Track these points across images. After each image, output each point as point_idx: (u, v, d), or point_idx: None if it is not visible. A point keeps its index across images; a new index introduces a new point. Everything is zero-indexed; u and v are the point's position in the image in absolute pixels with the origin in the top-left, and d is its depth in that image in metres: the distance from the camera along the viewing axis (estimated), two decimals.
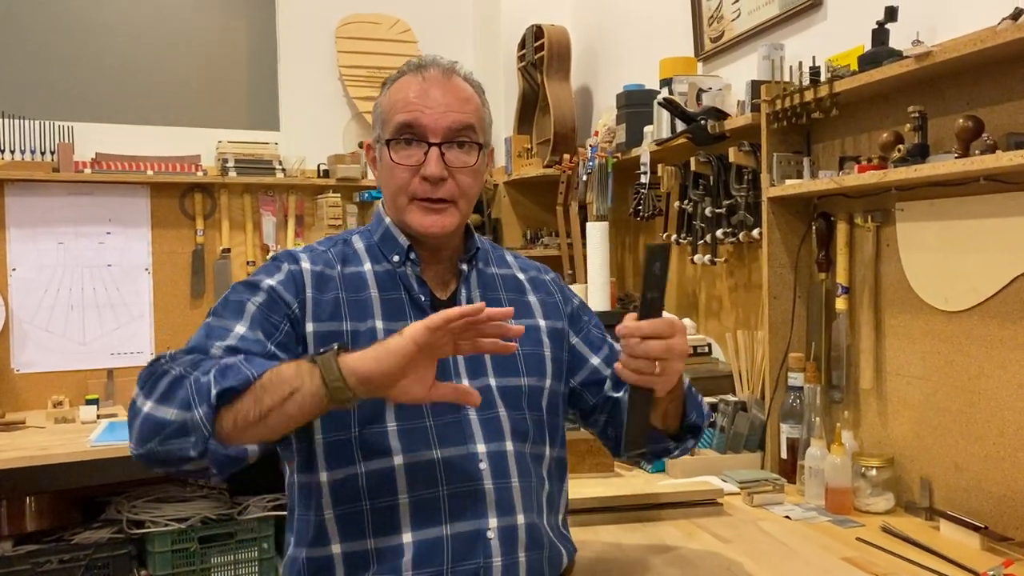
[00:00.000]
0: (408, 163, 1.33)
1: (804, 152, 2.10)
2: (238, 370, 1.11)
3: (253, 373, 1.10)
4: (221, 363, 1.13)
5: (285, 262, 1.35)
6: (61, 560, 2.86)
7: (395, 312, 1.34)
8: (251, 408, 1.10)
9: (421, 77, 1.36)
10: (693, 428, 1.43)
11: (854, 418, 2.01)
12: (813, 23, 2.19)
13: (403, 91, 1.35)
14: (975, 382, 1.70)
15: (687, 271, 2.78)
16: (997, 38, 1.48)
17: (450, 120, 1.33)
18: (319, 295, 1.32)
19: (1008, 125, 1.60)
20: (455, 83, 1.37)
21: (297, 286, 1.32)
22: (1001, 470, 1.65)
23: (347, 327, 1.31)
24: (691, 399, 1.43)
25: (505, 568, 1.28)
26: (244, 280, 1.34)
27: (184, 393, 1.10)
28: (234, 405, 1.10)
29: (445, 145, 1.33)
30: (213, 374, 1.10)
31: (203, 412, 1.08)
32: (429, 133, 1.32)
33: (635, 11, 3.22)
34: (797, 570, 1.51)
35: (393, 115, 1.34)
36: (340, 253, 1.40)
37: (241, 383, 1.09)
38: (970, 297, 1.70)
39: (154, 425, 1.11)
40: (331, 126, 3.83)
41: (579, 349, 1.50)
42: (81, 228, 3.40)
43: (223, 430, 1.10)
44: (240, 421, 1.10)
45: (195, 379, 1.11)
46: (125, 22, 3.57)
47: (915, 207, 1.83)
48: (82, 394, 3.32)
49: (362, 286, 1.36)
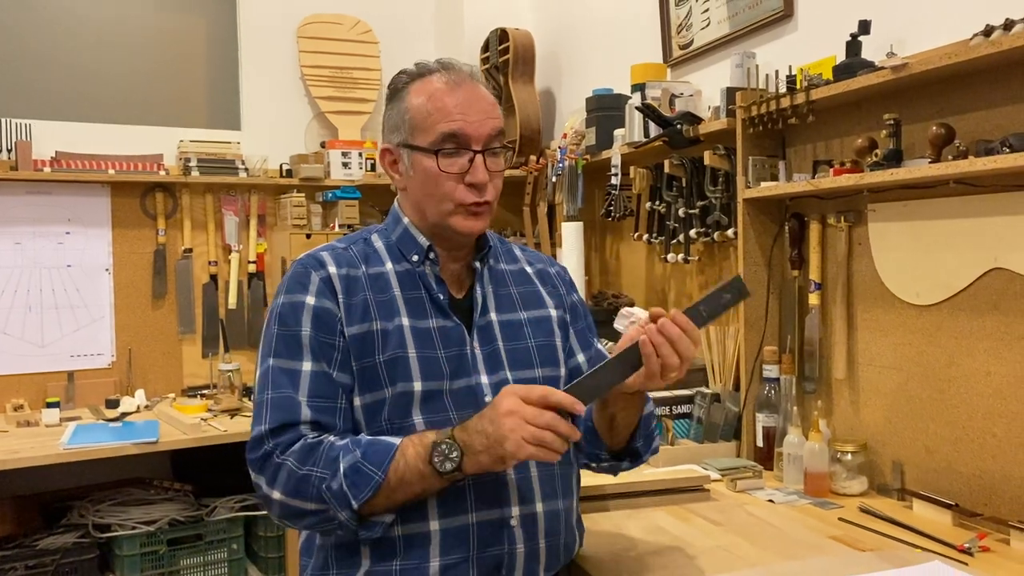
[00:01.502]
0: (454, 171, 1.37)
1: (779, 156, 2.21)
2: (368, 478, 1.24)
3: (380, 478, 1.24)
4: (343, 467, 1.24)
5: (312, 270, 1.39)
6: (27, 566, 2.80)
7: (418, 311, 1.39)
8: (385, 503, 1.27)
9: (451, 83, 1.38)
10: (633, 452, 1.49)
11: (827, 407, 2.13)
12: (784, 33, 2.31)
13: (440, 99, 1.37)
14: (945, 371, 1.83)
15: (657, 269, 2.89)
16: (970, 52, 1.60)
17: (489, 128, 1.38)
18: (349, 299, 1.37)
19: (976, 132, 1.73)
20: (481, 89, 1.41)
21: (331, 291, 1.37)
22: (970, 452, 1.78)
23: (377, 327, 1.36)
24: (645, 426, 1.49)
25: (527, 554, 1.35)
26: (284, 302, 1.37)
27: (315, 492, 1.25)
28: (373, 499, 1.25)
29: (487, 152, 1.38)
30: (344, 483, 1.24)
31: (346, 516, 1.25)
32: (473, 141, 1.37)
33: (599, 17, 3.31)
34: (792, 549, 1.60)
35: (434, 124, 1.37)
36: (362, 252, 1.44)
37: (373, 491, 1.24)
38: (940, 292, 1.84)
39: (295, 512, 1.28)
40: (293, 126, 3.83)
41: (572, 344, 1.56)
42: (40, 228, 3.33)
43: (364, 514, 1.27)
44: (375, 510, 1.27)
45: (320, 480, 1.25)
46: (85, 19, 3.50)
47: (887, 208, 1.96)
48: (41, 397, 3.26)
49: (386, 286, 1.40)
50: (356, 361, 1.35)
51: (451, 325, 1.40)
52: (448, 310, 1.41)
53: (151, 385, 3.48)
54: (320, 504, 1.25)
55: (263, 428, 1.29)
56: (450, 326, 1.39)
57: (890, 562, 1.47)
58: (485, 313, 1.44)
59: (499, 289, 1.49)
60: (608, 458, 1.50)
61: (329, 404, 1.33)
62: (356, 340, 1.35)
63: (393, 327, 1.36)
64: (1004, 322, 1.71)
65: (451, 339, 1.39)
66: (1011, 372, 1.70)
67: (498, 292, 1.48)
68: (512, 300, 1.49)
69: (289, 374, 1.33)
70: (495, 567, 1.33)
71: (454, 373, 1.37)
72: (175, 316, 3.57)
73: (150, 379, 3.51)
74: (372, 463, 1.24)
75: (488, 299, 1.46)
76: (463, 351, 1.39)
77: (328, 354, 1.34)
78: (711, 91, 2.53)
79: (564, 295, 1.57)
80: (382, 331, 1.35)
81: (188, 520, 3.07)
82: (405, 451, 1.25)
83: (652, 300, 2.90)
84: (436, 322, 1.39)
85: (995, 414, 1.73)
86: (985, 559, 1.54)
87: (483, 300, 1.45)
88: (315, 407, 1.31)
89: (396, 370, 1.34)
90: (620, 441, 1.46)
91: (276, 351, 1.35)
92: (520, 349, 1.44)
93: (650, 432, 1.52)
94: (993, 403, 1.73)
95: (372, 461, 1.24)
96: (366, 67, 3.92)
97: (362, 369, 1.35)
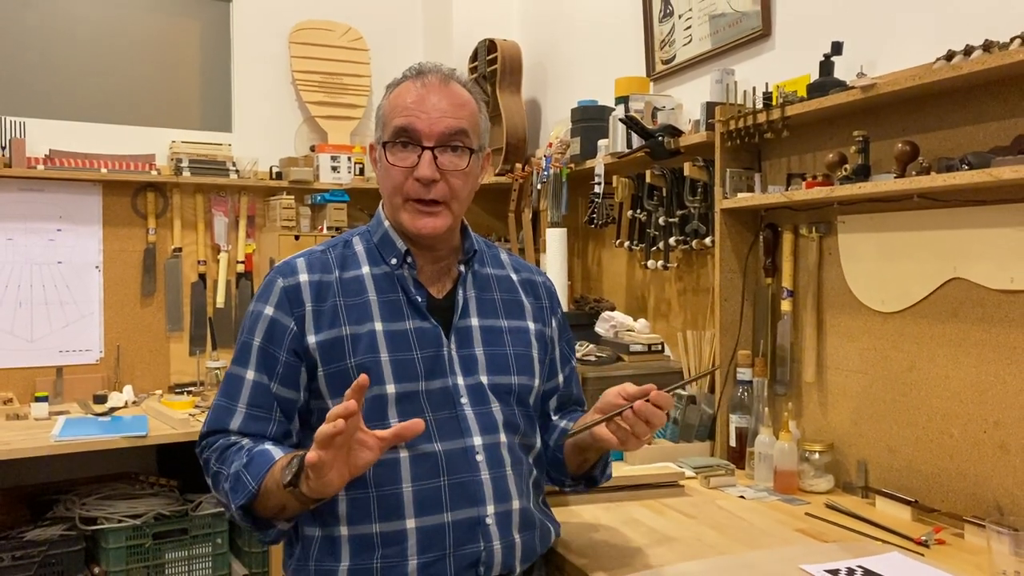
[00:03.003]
0: (403, 165, 1.41)
1: (755, 168, 2.31)
2: (244, 486, 1.30)
3: (253, 488, 1.29)
4: (232, 472, 1.34)
5: (280, 278, 1.44)
6: (14, 557, 2.84)
7: (394, 313, 1.43)
8: (263, 510, 1.33)
9: (420, 83, 1.43)
10: (591, 479, 1.63)
11: (797, 408, 2.23)
12: (762, 51, 2.42)
13: (402, 96, 1.43)
14: (907, 375, 1.94)
15: (637, 275, 2.98)
16: (933, 75, 1.71)
17: (444, 125, 1.40)
18: (319, 305, 1.42)
19: (939, 150, 1.84)
20: (452, 89, 1.44)
21: (292, 302, 1.42)
22: (930, 451, 1.88)
23: (347, 331, 1.40)
24: (604, 459, 1.61)
25: (503, 550, 1.40)
26: (250, 310, 1.46)
27: (219, 488, 1.38)
28: (253, 506, 1.32)
29: (438, 149, 1.40)
30: (227, 486, 1.34)
31: (236, 515, 1.34)
32: (423, 137, 1.40)
33: (584, 31, 3.41)
34: (759, 540, 1.69)
35: (391, 119, 1.42)
36: (340, 256, 1.48)
37: (247, 498, 1.30)
38: (904, 300, 1.94)
39: (219, 502, 1.46)
40: (283, 129, 3.90)
41: (555, 361, 1.63)
42: (31, 224, 3.38)
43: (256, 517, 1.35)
44: (262, 514, 1.33)
45: (222, 479, 1.36)
46: (82, 21, 3.57)
47: (855, 220, 2.06)
48: (29, 391, 3.30)
49: (360, 290, 1.44)
50: (324, 366, 1.39)
51: (428, 327, 1.43)
52: (425, 312, 1.45)
53: (138, 381, 3.54)
54: (223, 499, 1.37)
55: (204, 429, 1.44)
56: (427, 327, 1.43)
57: (851, 552, 1.57)
58: (465, 316, 1.48)
59: (483, 294, 1.53)
60: (571, 483, 1.62)
61: (263, 414, 1.41)
62: (325, 345, 1.39)
63: (365, 331, 1.40)
64: (962, 329, 1.81)
65: (427, 340, 1.43)
66: (967, 376, 1.80)
67: (481, 297, 1.52)
68: (495, 306, 1.53)
69: (235, 381, 1.43)
70: (472, 564, 1.37)
71: (429, 373, 1.41)
72: (163, 314, 3.63)
73: (137, 375, 3.56)
74: (251, 473, 1.30)
75: (469, 303, 1.50)
76: (439, 352, 1.43)
77: (271, 366, 1.40)
78: (692, 105, 2.63)
79: (548, 309, 1.62)
80: (352, 335, 1.40)
81: (173, 514, 3.13)
82: (279, 463, 1.28)
83: (632, 304, 3.00)
84: (413, 323, 1.43)
85: (952, 416, 1.83)
86: (940, 551, 1.64)
87: (464, 303, 1.49)
88: (249, 415, 1.40)
89: (368, 374, 1.33)
90: (582, 472, 1.59)
91: (234, 356, 1.46)
92: (498, 355, 1.48)
93: (606, 463, 1.63)
94: (951, 405, 1.84)
95: (251, 471, 1.30)
96: (356, 73, 4.00)
97: (333, 374, 1.39)
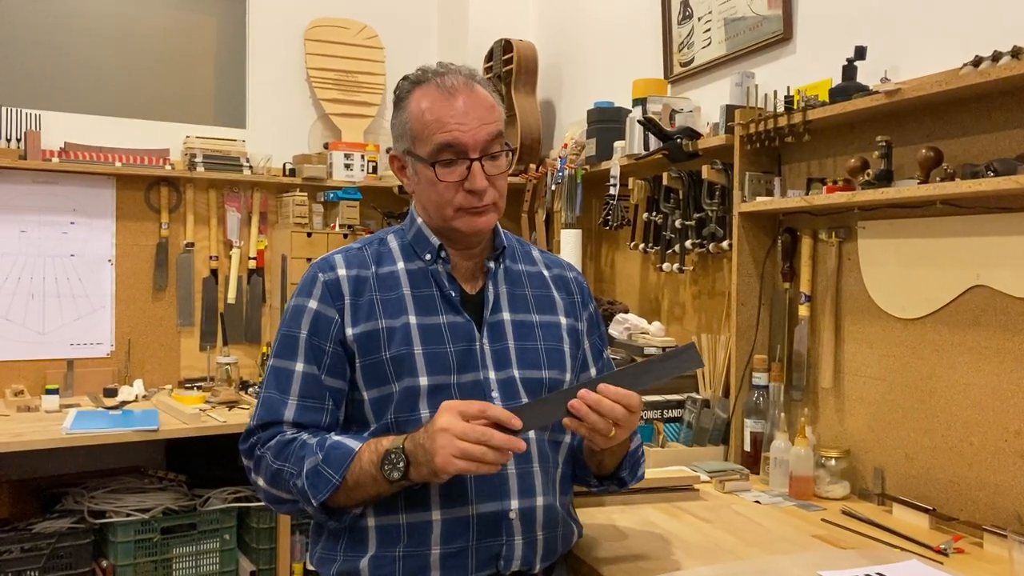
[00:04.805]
0: (452, 180, 1.42)
1: (775, 172, 2.30)
2: (326, 480, 1.33)
3: (337, 481, 1.32)
4: (306, 467, 1.34)
5: (320, 273, 1.47)
6: (23, 549, 2.84)
7: (427, 308, 1.45)
8: (345, 500, 1.36)
9: (447, 91, 1.41)
10: (619, 480, 1.57)
11: (813, 414, 2.22)
12: (783, 55, 2.41)
13: (435, 110, 1.41)
14: (927, 382, 1.93)
15: (651, 278, 2.97)
16: (960, 81, 1.70)
17: (485, 133, 1.41)
18: (356, 299, 1.44)
19: (963, 156, 1.83)
20: (479, 93, 1.44)
21: (333, 295, 1.45)
22: (948, 459, 1.87)
23: (382, 325, 1.42)
24: (631, 459, 1.55)
25: (525, 545, 1.40)
26: (292, 305, 1.47)
27: (288, 486, 1.38)
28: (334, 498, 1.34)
29: (485, 158, 1.42)
30: (306, 483, 1.34)
31: (312, 509, 1.36)
32: (469, 150, 1.41)
33: (601, 32, 3.40)
34: (776, 545, 1.68)
35: (431, 135, 1.41)
36: (375, 253, 1.51)
37: (331, 492, 1.33)
38: (925, 306, 1.93)
39: (275, 499, 1.43)
40: (297, 126, 3.90)
41: (586, 355, 1.62)
42: (45, 217, 3.38)
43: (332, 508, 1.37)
44: (340, 504, 1.37)
45: (290, 476, 1.37)
46: (99, 15, 3.57)
47: (876, 226, 2.05)
48: (40, 383, 3.29)
49: (395, 285, 1.46)
50: (361, 358, 1.42)
51: (461, 321, 1.45)
52: (459, 306, 1.46)
53: (148, 375, 3.54)
54: (291, 495, 1.38)
55: (253, 423, 1.44)
56: (460, 321, 1.45)
57: (870, 559, 1.56)
58: (497, 311, 1.50)
59: (514, 289, 1.54)
60: (596, 484, 1.58)
61: (316, 404, 1.42)
62: (362, 338, 1.42)
63: (399, 325, 1.42)
64: (984, 337, 1.80)
65: (460, 334, 1.44)
66: (988, 384, 1.79)
67: (513, 292, 1.53)
68: (526, 301, 1.54)
69: (284, 373, 1.43)
70: (493, 557, 1.39)
71: (461, 367, 1.42)
72: (175, 309, 3.63)
73: (147, 369, 3.56)
74: (331, 467, 1.32)
75: (501, 298, 1.51)
76: (472, 346, 1.44)
77: (319, 357, 1.42)
78: (710, 108, 2.62)
79: (580, 304, 1.62)
80: (387, 328, 1.42)
81: (182, 509, 3.12)
82: (361, 457, 1.32)
83: (646, 307, 2.99)
84: (446, 318, 1.45)
85: (972, 424, 1.82)
86: (960, 560, 1.62)
87: (495, 298, 1.50)
88: (302, 406, 1.42)
89: (402, 366, 1.40)
90: (607, 472, 1.55)
91: (278, 351, 1.46)
92: (529, 349, 1.49)
93: (636, 463, 1.59)
94: (971, 413, 1.82)
95: (331, 465, 1.32)
96: (371, 72, 4.00)
97: (369, 365, 1.41)
